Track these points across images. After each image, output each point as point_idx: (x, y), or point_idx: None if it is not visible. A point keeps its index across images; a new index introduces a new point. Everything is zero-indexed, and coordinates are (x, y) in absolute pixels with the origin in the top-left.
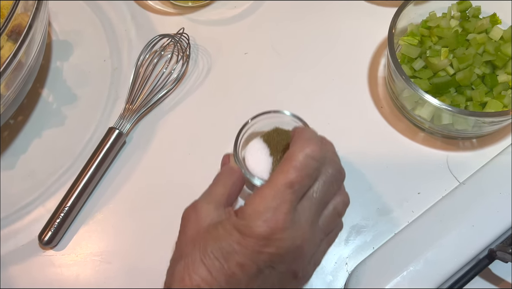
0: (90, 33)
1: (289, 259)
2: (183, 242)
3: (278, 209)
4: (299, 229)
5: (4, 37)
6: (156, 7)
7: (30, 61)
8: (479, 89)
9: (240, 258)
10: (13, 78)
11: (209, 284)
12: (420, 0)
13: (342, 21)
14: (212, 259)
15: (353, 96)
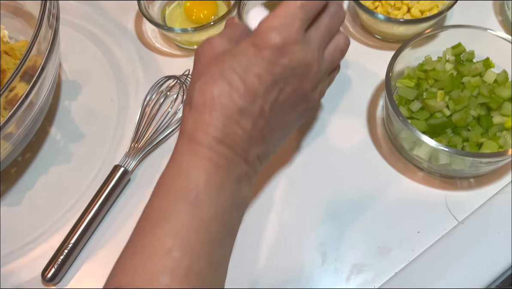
0: (99, 73)
1: (300, 73)
2: (199, 67)
3: (291, 25)
4: (310, 48)
5: (18, 78)
6: (163, 49)
7: (41, 101)
8: (475, 130)
9: (257, 69)
10: (24, 117)
11: (229, 95)
12: (416, 45)
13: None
14: (231, 73)
15: (352, 136)
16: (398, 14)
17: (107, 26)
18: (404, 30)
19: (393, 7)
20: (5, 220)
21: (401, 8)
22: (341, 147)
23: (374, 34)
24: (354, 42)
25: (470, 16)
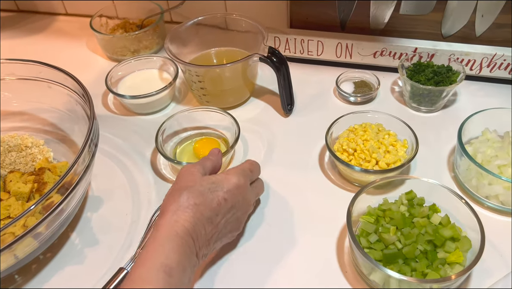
0: (120, 192)
1: (244, 207)
2: (183, 182)
3: (246, 176)
4: (251, 192)
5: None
6: (173, 179)
7: (69, 210)
8: (422, 262)
9: (225, 195)
10: (53, 221)
11: (204, 205)
12: (377, 188)
13: (317, 199)
14: (208, 192)
15: (322, 261)
16: (369, 166)
17: (132, 156)
18: (374, 178)
19: (364, 160)
20: None
21: (370, 161)
22: (311, 270)
23: (350, 180)
24: (333, 186)
25: (429, 170)
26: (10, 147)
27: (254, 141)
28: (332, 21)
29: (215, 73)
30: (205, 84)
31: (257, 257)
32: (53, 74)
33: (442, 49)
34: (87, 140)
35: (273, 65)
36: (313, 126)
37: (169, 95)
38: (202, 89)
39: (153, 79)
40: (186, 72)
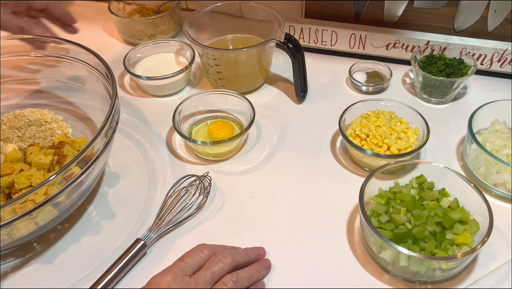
0: (136, 169)
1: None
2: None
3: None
4: None
5: (75, 163)
6: (188, 158)
7: (88, 183)
8: (430, 242)
9: None
10: (72, 192)
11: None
12: (388, 172)
13: (329, 183)
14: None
15: (333, 240)
16: (380, 151)
17: (148, 136)
18: (386, 163)
19: (376, 145)
20: (36, 276)
21: (382, 146)
22: (322, 248)
23: (361, 165)
24: (345, 171)
25: (438, 158)
26: (30, 121)
27: (267, 126)
28: (347, 12)
29: (231, 57)
30: (221, 68)
31: (268, 236)
32: (75, 52)
33: (454, 43)
34: (108, 116)
35: (289, 51)
36: (326, 113)
37: (184, 79)
38: (218, 73)
39: (170, 63)
40: (204, 56)
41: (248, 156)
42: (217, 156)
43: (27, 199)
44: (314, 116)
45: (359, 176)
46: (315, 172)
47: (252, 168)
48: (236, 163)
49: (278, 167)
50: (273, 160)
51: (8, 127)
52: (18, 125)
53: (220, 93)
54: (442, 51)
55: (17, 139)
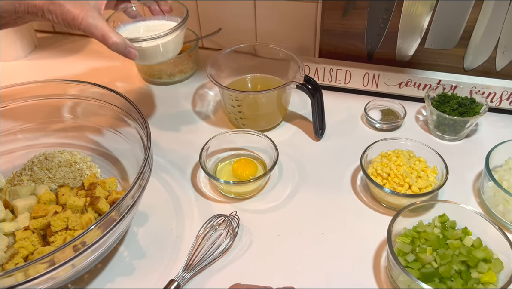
0: (163, 207)
1: None
2: None
3: None
4: None
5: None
6: (213, 196)
7: (124, 226)
8: (457, 281)
9: None
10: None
11: None
12: (412, 211)
13: (352, 220)
14: None
15: (360, 279)
16: (402, 190)
17: (173, 173)
18: (406, 202)
19: (398, 184)
20: None
21: (403, 185)
22: (350, 286)
23: (382, 203)
24: (366, 208)
25: (456, 195)
26: (60, 162)
27: (288, 163)
28: (360, 52)
29: (253, 99)
30: (243, 108)
31: (296, 275)
32: (105, 95)
33: (464, 82)
34: (144, 164)
35: (309, 92)
36: (343, 151)
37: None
38: (240, 113)
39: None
40: (226, 97)
41: (271, 193)
42: (242, 195)
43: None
44: (332, 154)
45: (381, 213)
46: (338, 209)
47: (276, 206)
48: (261, 201)
49: (301, 204)
50: (296, 198)
51: (40, 169)
52: (49, 167)
53: (244, 133)
54: (453, 89)
55: (48, 181)
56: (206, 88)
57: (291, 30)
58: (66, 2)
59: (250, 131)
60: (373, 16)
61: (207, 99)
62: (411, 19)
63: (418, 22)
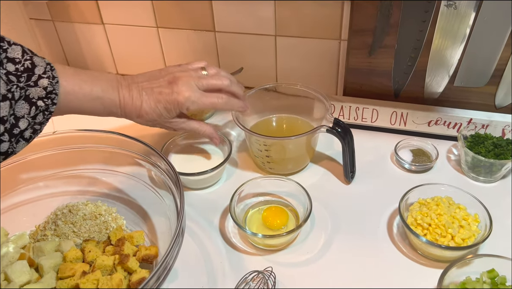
0: (192, 262)
1: None
2: None
3: None
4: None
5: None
6: (243, 248)
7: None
8: None
9: None
10: None
11: None
12: (459, 266)
13: (393, 273)
14: None
15: None
16: (445, 241)
17: (201, 223)
18: (449, 253)
19: (440, 235)
20: None
21: (446, 236)
22: None
23: (421, 253)
24: (406, 259)
25: (498, 244)
26: (85, 215)
27: (319, 209)
28: (386, 90)
29: (282, 143)
30: (271, 153)
31: None
32: (128, 143)
33: (497, 120)
34: (178, 227)
35: (339, 136)
36: (375, 194)
37: (220, 172)
38: (267, 157)
39: (207, 154)
40: (253, 141)
41: (305, 244)
42: (274, 246)
43: None
44: (364, 198)
45: (421, 264)
46: (376, 260)
47: (311, 259)
48: (294, 252)
49: (337, 256)
50: (331, 249)
51: (64, 223)
52: (73, 220)
53: (274, 178)
54: (485, 128)
55: (72, 235)
56: (228, 128)
57: (312, 67)
58: None
59: (280, 178)
60: (401, 54)
61: (230, 140)
62: (440, 57)
63: (447, 60)
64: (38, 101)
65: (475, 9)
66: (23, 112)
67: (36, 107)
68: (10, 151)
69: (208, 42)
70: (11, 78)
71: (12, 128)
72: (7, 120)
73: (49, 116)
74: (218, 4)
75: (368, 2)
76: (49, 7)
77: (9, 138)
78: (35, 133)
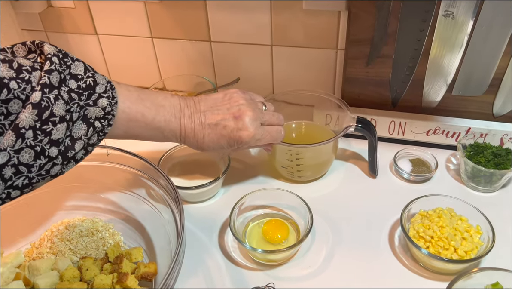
0: (192, 278)
1: None
2: None
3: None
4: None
5: None
6: (243, 263)
7: None
8: None
9: None
10: None
11: None
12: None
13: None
14: None
15: None
16: (448, 254)
17: (199, 236)
18: (452, 266)
19: (442, 248)
20: None
21: (449, 249)
22: None
23: (425, 267)
24: (408, 272)
25: (499, 255)
26: (82, 231)
27: (318, 220)
28: (384, 99)
29: (315, 149)
30: (302, 161)
31: None
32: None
33: (495, 129)
34: (178, 249)
35: (366, 131)
36: (376, 205)
37: (219, 185)
38: (298, 166)
39: (204, 165)
40: (283, 153)
41: (306, 258)
42: (275, 261)
43: None
44: (364, 209)
45: (424, 277)
46: (379, 274)
47: (313, 273)
48: (295, 266)
49: (339, 270)
50: (333, 262)
51: (60, 240)
52: (70, 237)
53: (274, 191)
54: (484, 137)
55: (69, 253)
56: None
57: (309, 77)
58: None
59: (280, 190)
60: (399, 64)
61: None
62: (438, 66)
63: (445, 70)
64: (96, 122)
65: (473, 18)
66: (80, 133)
67: (94, 128)
68: (59, 172)
69: (204, 52)
70: (73, 96)
71: (67, 151)
72: (62, 143)
73: (102, 138)
74: (213, 14)
75: (366, 12)
76: (41, 17)
77: (62, 162)
78: (86, 155)
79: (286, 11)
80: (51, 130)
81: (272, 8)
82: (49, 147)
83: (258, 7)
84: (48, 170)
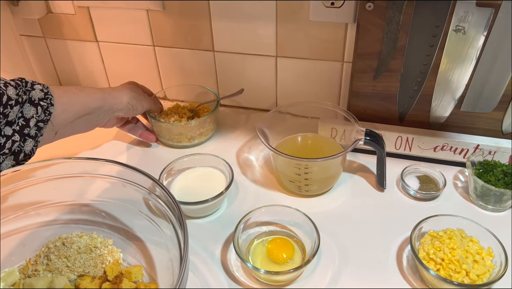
0: None
1: None
2: None
3: None
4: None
5: None
6: (247, 283)
7: None
8: None
9: None
10: None
11: None
12: None
13: None
14: None
15: None
16: (459, 277)
17: (201, 254)
18: None
19: (454, 271)
20: None
21: (460, 272)
22: None
23: (431, 287)
24: None
25: None
26: (80, 248)
27: (323, 238)
28: (391, 114)
29: (324, 163)
30: (311, 175)
31: None
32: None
33: (504, 146)
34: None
35: (375, 144)
36: (383, 223)
37: (222, 200)
38: (306, 180)
39: (206, 179)
40: (291, 167)
41: (312, 279)
42: (279, 282)
43: None
44: (370, 227)
45: None
46: None
47: None
48: (301, 288)
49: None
50: (339, 284)
51: (57, 257)
52: (67, 254)
53: (279, 207)
54: (493, 155)
55: (66, 270)
56: (226, 154)
57: (314, 89)
58: None
59: (285, 206)
60: (407, 78)
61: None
62: (447, 82)
63: (454, 85)
64: (40, 101)
65: (484, 34)
66: (31, 113)
67: (41, 107)
68: (18, 149)
69: (207, 62)
70: (18, 83)
71: (23, 129)
72: (14, 122)
73: (49, 116)
74: (218, 23)
75: (375, 25)
76: (40, 23)
77: (20, 138)
78: (39, 131)
79: (292, 22)
80: (8, 113)
81: (278, 18)
82: (4, 126)
83: (263, 17)
84: (10, 148)
